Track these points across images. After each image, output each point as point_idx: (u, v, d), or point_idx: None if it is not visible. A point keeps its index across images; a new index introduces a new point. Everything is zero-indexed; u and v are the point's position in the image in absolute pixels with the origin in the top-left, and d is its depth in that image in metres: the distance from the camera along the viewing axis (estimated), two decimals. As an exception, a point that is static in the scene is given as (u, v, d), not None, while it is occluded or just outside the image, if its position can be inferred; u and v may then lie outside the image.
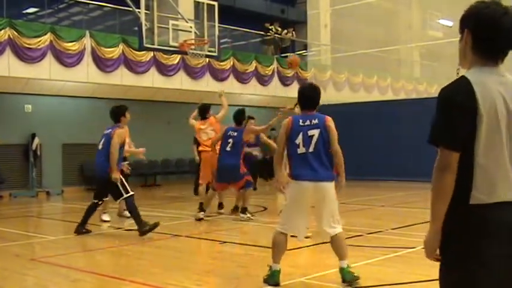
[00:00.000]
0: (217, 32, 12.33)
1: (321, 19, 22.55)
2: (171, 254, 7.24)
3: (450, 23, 23.49)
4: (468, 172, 2.24)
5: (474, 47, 2.32)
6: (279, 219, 5.62)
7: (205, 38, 11.91)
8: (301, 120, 5.37)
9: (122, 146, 8.48)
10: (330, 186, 5.29)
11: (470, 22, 2.31)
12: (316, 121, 5.33)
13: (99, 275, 6.17)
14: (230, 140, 9.57)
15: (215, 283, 5.94)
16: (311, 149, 5.26)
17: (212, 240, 8.28)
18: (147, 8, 11.06)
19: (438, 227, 2.31)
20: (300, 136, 5.29)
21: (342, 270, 5.28)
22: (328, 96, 20.05)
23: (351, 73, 21.31)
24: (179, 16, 11.91)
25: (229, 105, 11.17)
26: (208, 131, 10.66)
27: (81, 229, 8.48)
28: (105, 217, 9.81)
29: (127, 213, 9.10)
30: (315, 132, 5.27)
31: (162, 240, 8.03)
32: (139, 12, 10.95)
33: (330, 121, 5.36)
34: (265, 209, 11.33)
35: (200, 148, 10.93)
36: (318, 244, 7.34)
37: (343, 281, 5.26)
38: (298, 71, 20.00)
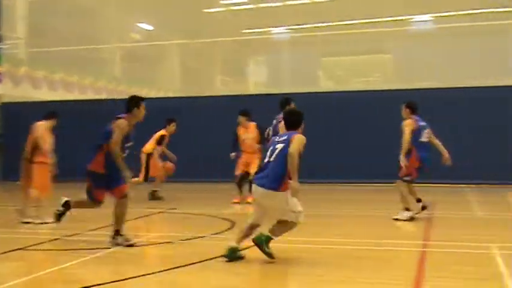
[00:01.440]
0: None
1: (18, 10, 21.22)
2: None
3: (150, 27, 24.46)
4: None
5: None
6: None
7: None
8: (278, 137, 6.28)
9: None
10: (272, 195, 5.94)
11: None
12: (285, 137, 6.10)
13: None
14: None
15: None
16: (272, 159, 6.03)
17: None
18: None
19: None
20: (270, 148, 6.15)
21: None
22: (24, 93, 18.98)
23: (50, 70, 20.58)
24: None
25: None
26: None
27: None
28: None
29: None
30: (280, 146, 6.04)
31: None
32: None
33: (295, 137, 6.01)
34: None
35: None
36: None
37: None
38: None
